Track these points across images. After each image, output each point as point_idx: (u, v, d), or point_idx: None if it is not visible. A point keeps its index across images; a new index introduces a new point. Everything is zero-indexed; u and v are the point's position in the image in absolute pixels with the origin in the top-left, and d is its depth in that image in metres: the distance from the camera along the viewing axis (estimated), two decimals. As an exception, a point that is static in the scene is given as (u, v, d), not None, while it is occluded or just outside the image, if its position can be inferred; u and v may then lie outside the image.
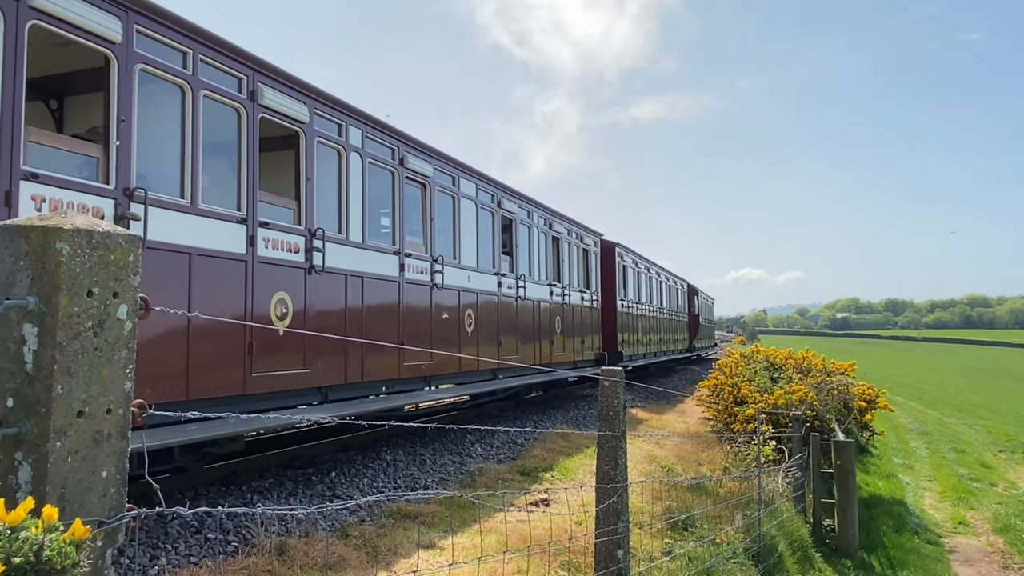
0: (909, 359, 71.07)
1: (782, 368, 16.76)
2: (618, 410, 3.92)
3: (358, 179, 8.33)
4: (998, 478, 14.87)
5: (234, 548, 5.27)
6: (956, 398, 32.50)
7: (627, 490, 4.00)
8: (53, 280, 1.37)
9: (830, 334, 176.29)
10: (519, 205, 13.35)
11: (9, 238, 1.39)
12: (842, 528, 9.05)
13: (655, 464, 9.31)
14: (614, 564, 3.89)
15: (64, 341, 1.38)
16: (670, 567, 5.53)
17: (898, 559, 9.16)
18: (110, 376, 1.46)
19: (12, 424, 1.36)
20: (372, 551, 5.32)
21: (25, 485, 1.35)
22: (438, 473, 8.46)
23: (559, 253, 15.44)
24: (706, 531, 6.75)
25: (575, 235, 16.63)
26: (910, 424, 22.46)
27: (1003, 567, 9.43)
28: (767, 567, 6.75)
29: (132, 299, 1.49)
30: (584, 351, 16.45)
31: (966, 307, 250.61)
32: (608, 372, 3.98)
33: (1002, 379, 47.17)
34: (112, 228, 1.48)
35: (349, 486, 7.37)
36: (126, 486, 1.50)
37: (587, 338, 16.84)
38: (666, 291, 27.67)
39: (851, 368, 16.86)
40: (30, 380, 1.37)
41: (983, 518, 11.74)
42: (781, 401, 11.72)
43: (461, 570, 4.48)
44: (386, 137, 9.01)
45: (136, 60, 5.69)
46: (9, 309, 1.37)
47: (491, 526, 6.07)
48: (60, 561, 1.18)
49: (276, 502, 6.48)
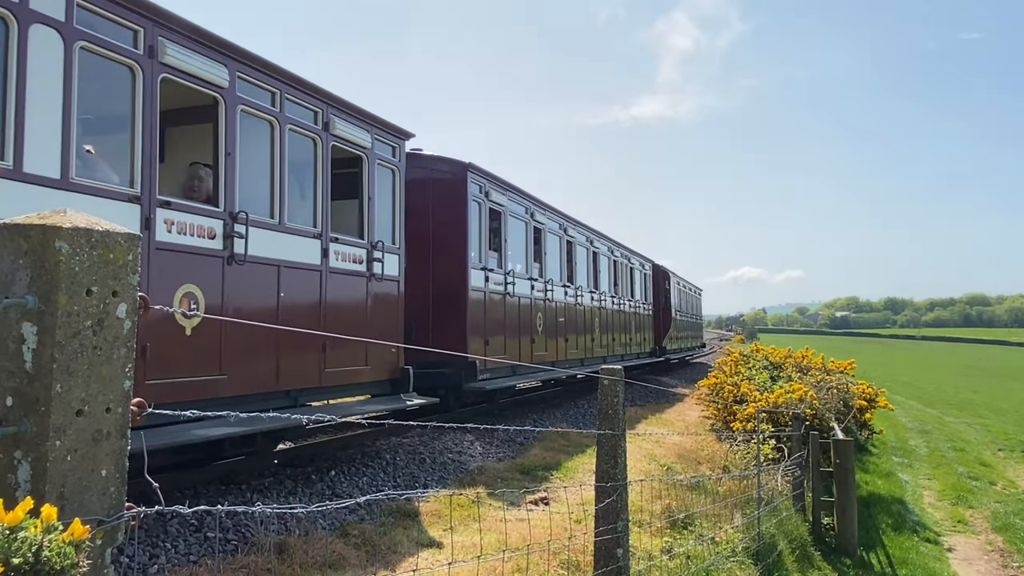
0: (909, 358, 71.11)
1: (782, 367, 16.79)
2: (618, 409, 3.92)
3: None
4: (997, 477, 14.88)
5: (234, 547, 5.27)
6: (955, 397, 32.53)
7: (626, 489, 4.00)
8: (52, 279, 1.37)
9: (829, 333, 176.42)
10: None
11: (8, 237, 1.39)
12: (841, 527, 9.06)
13: (655, 463, 9.32)
14: (613, 563, 3.89)
15: (63, 340, 1.38)
16: (669, 566, 5.53)
17: (897, 557, 9.17)
18: (109, 375, 1.45)
19: (11, 423, 1.36)
20: (372, 550, 5.32)
21: (24, 484, 1.35)
22: (438, 472, 8.46)
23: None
24: (705, 530, 6.76)
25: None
26: (909, 423, 22.47)
27: (1002, 566, 9.44)
28: (766, 565, 6.76)
29: (131, 298, 1.49)
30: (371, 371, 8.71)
31: (965, 306, 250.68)
32: (608, 371, 3.99)
33: (1002, 378, 47.22)
34: (111, 227, 1.47)
35: (349, 485, 7.38)
36: (125, 485, 1.50)
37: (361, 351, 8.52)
38: (608, 269, 19.64)
39: (850, 367, 16.89)
40: (29, 379, 1.37)
41: (982, 517, 11.74)
42: (781, 400, 11.73)
43: (461, 569, 4.48)
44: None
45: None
46: (8, 308, 1.37)
47: (491, 525, 6.07)
48: (59, 561, 1.18)
49: (276, 501, 6.48)
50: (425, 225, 11.25)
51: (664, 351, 26.06)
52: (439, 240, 11.33)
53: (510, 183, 13.36)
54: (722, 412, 13.21)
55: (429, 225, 11.34)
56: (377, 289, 8.67)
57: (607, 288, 19.39)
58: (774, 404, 11.55)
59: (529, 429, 8.47)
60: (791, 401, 11.52)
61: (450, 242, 11.41)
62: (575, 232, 17.09)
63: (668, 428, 12.90)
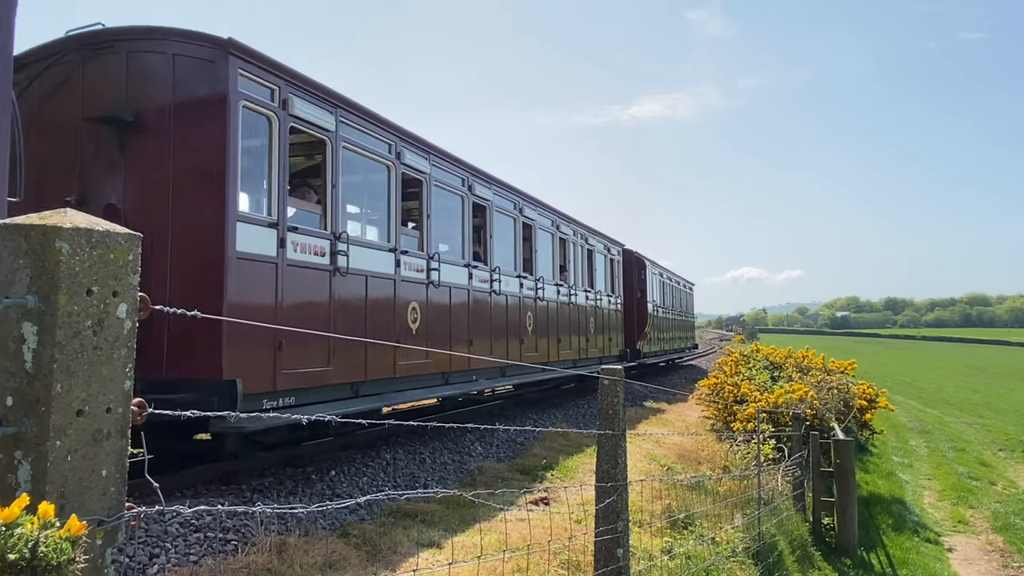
0: (909, 358, 71.09)
1: (782, 367, 16.80)
2: (618, 409, 3.93)
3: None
4: (997, 477, 14.88)
5: (234, 547, 5.27)
6: (956, 397, 32.51)
7: (627, 489, 4.00)
8: (52, 279, 1.37)
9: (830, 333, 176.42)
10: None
11: (8, 236, 1.39)
12: (841, 527, 9.06)
13: (655, 463, 9.32)
14: (614, 562, 3.89)
15: (64, 340, 1.38)
16: (670, 566, 5.53)
17: (897, 558, 9.17)
18: (110, 375, 1.46)
19: (12, 423, 1.36)
20: (372, 550, 5.32)
21: (25, 484, 1.35)
22: (438, 472, 8.46)
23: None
24: (706, 530, 6.76)
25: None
26: (910, 423, 22.47)
27: (1002, 566, 9.44)
28: (767, 566, 6.76)
29: (132, 298, 1.49)
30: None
31: (966, 306, 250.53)
32: (607, 371, 3.99)
33: (1002, 378, 47.20)
34: (111, 227, 1.47)
35: (349, 485, 7.37)
36: (126, 485, 1.50)
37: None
38: (552, 249, 15.08)
39: (851, 367, 16.89)
40: (30, 379, 1.37)
41: (982, 517, 11.74)
42: (781, 400, 11.73)
43: (461, 569, 4.48)
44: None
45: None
46: (8, 308, 1.37)
47: (491, 525, 6.07)
48: (55, 557, 1.18)
49: (276, 501, 6.48)
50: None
51: (639, 354, 21.57)
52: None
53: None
54: (722, 412, 13.22)
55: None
56: None
57: (548, 274, 14.59)
58: (774, 404, 11.56)
59: (529, 429, 8.48)
60: (791, 401, 11.52)
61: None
62: (488, 191, 11.93)
63: (668, 428, 12.90)
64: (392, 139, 9.02)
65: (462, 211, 11.14)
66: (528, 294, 13.30)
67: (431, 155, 10.02)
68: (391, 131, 8.96)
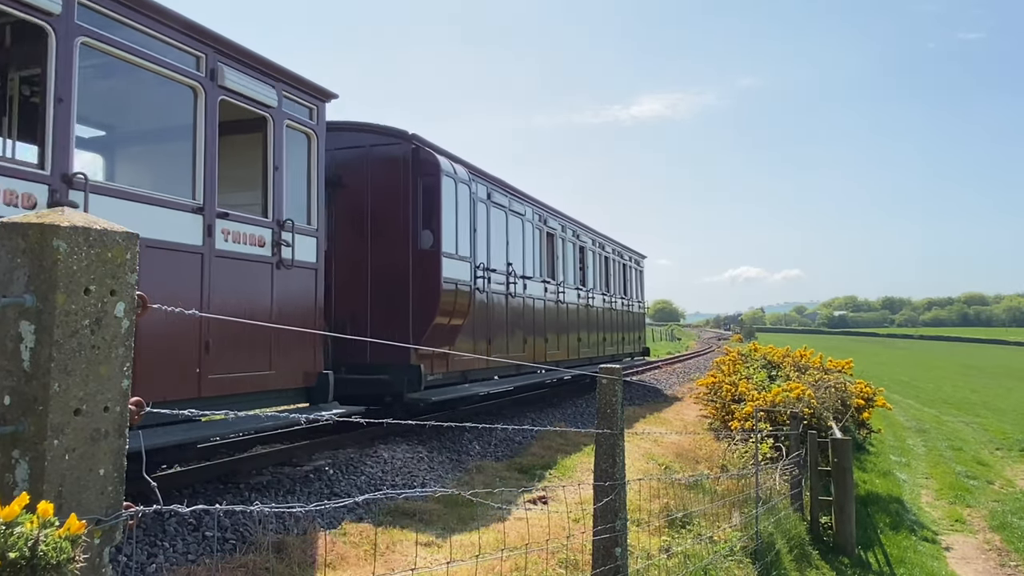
0: (907, 357, 71.17)
1: (780, 366, 16.82)
2: (616, 408, 3.93)
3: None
4: (995, 476, 14.91)
5: (232, 546, 5.27)
6: (953, 396, 32.56)
7: (625, 488, 4.01)
8: (50, 278, 1.37)
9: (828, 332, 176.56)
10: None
11: (6, 235, 1.39)
12: (839, 526, 9.07)
13: (653, 462, 9.32)
14: (612, 561, 3.90)
15: (61, 339, 1.38)
16: (668, 564, 5.54)
17: (895, 556, 9.18)
18: (107, 374, 1.45)
19: (9, 422, 1.36)
20: (370, 549, 5.32)
21: (22, 483, 1.35)
22: (436, 471, 8.46)
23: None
24: (704, 529, 6.76)
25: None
26: (907, 422, 22.50)
27: (999, 564, 9.46)
28: (764, 565, 6.77)
29: (130, 296, 1.49)
30: None
31: (963, 305, 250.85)
32: (607, 371, 3.99)
33: (999, 377, 47.26)
34: (109, 225, 1.47)
35: (347, 484, 7.37)
36: (124, 484, 1.50)
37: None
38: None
39: (848, 366, 16.91)
40: (27, 378, 1.37)
41: (980, 516, 11.76)
42: (779, 399, 11.74)
43: (459, 568, 4.48)
44: None
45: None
46: (6, 307, 1.37)
47: (489, 524, 6.08)
48: (55, 556, 1.18)
49: (274, 500, 6.48)
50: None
51: (416, 379, 9.45)
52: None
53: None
54: (720, 411, 13.23)
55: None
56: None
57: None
58: (772, 403, 11.57)
59: (528, 428, 8.47)
60: (789, 400, 11.53)
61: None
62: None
63: (666, 427, 12.91)
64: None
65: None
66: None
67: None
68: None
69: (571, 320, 15.96)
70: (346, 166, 9.84)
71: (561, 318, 15.23)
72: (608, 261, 19.95)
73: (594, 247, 18.52)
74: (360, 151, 9.87)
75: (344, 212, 9.82)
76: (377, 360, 9.33)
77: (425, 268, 9.59)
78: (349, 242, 9.73)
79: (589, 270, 17.76)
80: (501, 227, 12.37)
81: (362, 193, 9.77)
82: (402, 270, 9.56)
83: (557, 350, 14.85)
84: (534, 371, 13.77)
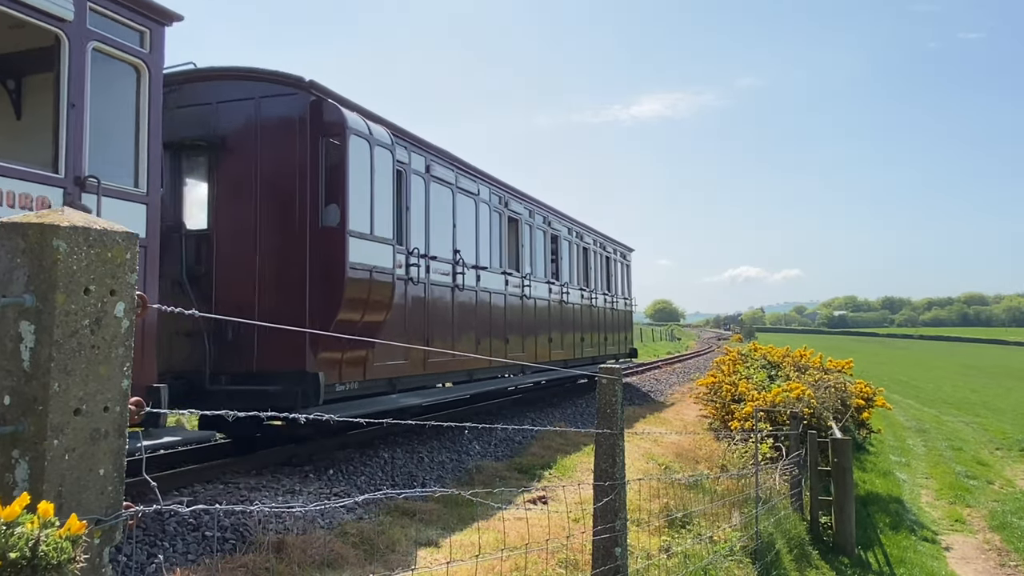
0: (906, 357, 71.18)
1: (780, 366, 16.83)
2: (616, 408, 3.93)
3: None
4: (995, 476, 14.91)
5: (232, 546, 5.27)
6: (953, 396, 32.56)
7: (625, 488, 4.01)
8: (50, 277, 1.37)
9: (827, 332, 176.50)
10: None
11: (6, 235, 1.39)
12: (839, 526, 9.07)
13: (653, 462, 9.32)
14: (612, 561, 3.89)
15: (61, 339, 1.37)
16: (667, 564, 5.54)
17: (895, 556, 9.18)
18: (107, 374, 1.45)
19: (9, 422, 1.36)
20: (370, 549, 5.32)
21: (22, 483, 1.35)
22: (436, 471, 8.47)
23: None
24: (703, 528, 6.76)
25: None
26: (907, 422, 22.50)
27: (999, 564, 9.46)
28: (764, 564, 6.77)
29: (129, 296, 1.49)
30: None
31: (963, 305, 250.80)
32: (607, 371, 3.99)
33: (999, 377, 47.28)
34: (109, 225, 1.47)
35: (347, 484, 7.37)
36: (124, 484, 1.50)
37: None
38: None
39: (848, 366, 16.92)
40: (27, 378, 1.37)
41: (979, 515, 11.77)
42: (779, 399, 11.75)
43: (459, 568, 4.48)
44: None
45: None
46: (6, 307, 1.37)
47: (489, 524, 6.08)
48: (56, 556, 1.18)
49: (274, 500, 6.48)
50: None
51: (313, 388, 7.39)
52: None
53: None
54: (720, 411, 13.24)
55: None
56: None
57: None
58: (772, 403, 11.57)
59: (528, 428, 8.47)
60: (789, 400, 11.54)
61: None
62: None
63: (666, 427, 12.91)
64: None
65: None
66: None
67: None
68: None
69: (540, 318, 14.15)
70: (231, 123, 8.03)
71: (527, 316, 13.45)
72: (588, 253, 17.94)
73: (570, 236, 16.57)
74: (248, 105, 7.98)
75: (229, 181, 7.97)
76: (266, 367, 7.47)
77: (327, 250, 7.56)
78: (235, 219, 7.86)
79: (564, 262, 15.99)
80: (445, 207, 10.51)
81: (250, 157, 7.87)
82: (298, 253, 7.56)
83: (522, 352, 13.02)
84: (494, 377, 12.18)
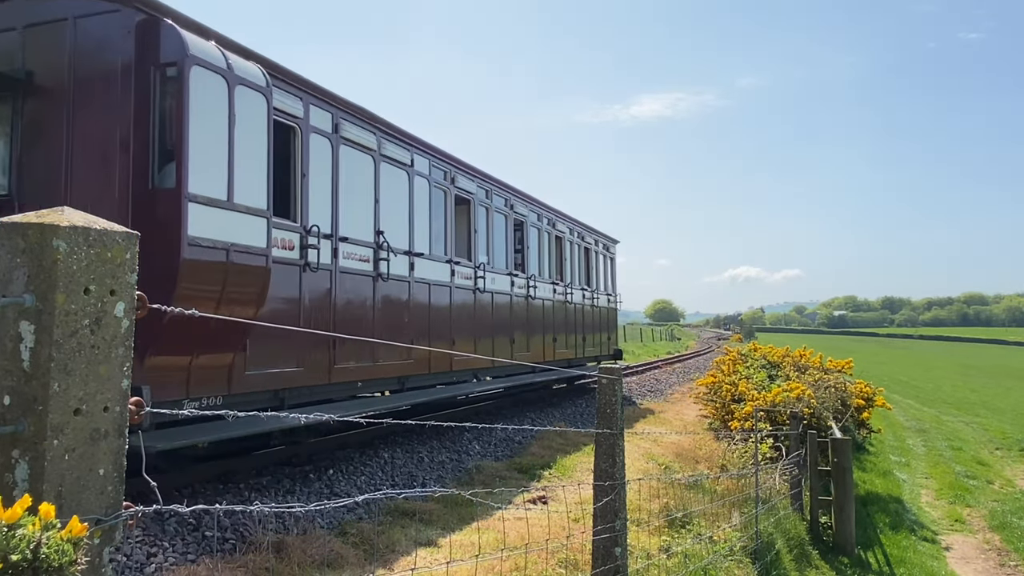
0: (906, 357, 71.18)
1: (780, 366, 16.82)
2: (616, 408, 3.93)
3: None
4: (995, 475, 14.91)
5: (232, 546, 5.27)
6: (953, 396, 32.56)
7: (624, 487, 4.00)
8: (50, 277, 1.37)
9: (827, 332, 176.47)
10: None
11: (6, 235, 1.39)
12: (839, 525, 9.07)
13: (652, 462, 9.32)
14: (612, 561, 3.89)
15: (61, 339, 1.37)
16: (667, 564, 5.54)
17: (895, 556, 9.18)
18: (107, 374, 1.45)
19: (9, 422, 1.36)
20: (370, 549, 5.32)
21: (22, 483, 1.35)
22: (436, 471, 8.46)
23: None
24: (703, 528, 6.76)
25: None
26: (907, 422, 22.50)
27: (999, 564, 9.45)
28: (764, 564, 6.77)
29: (129, 296, 1.49)
30: None
31: (963, 305, 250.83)
32: (606, 370, 3.99)
33: (999, 377, 47.28)
34: (109, 225, 1.47)
35: (347, 484, 7.37)
36: (123, 484, 1.50)
37: None
38: None
39: (848, 366, 16.91)
40: (27, 378, 1.36)
41: (979, 515, 11.76)
42: (779, 399, 11.74)
43: (459, 568, 4.48)
44: None
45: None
46: (6, 307, 1.37)
47: (489, 524, 6.08)
48: (57, 559, 1.18)
49: (274, 500, 6.48)
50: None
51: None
52: None
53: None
54: (720, 411, 13.23)
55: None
56: None
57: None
58: (772, 403, 11.57)
59: (527, 428, 8.46)
60: (789, 400, 11.53)
61: None
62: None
63: (666, 427, 12.91)
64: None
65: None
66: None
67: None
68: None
69: (500, 316, 12.23)
70: (38, 52, 6.32)
71: (482, 312, 11.61)
72: (563, 243, 16.05)
73: (540, 223, 14.63)
74: (61, 28, 6.21)
75: (35, 128, 6.33)
76: None
77: (158, 220, 5.66)
78: (42, 177, 6.24)
79: (531, 251, 14.08)
80: (364, 178, 8.67)
81: (62, 96, 6.16)
82: (119, 222, 3.49)
83: (474, 354, 11.06)
84: (433, 386, 10.27)
